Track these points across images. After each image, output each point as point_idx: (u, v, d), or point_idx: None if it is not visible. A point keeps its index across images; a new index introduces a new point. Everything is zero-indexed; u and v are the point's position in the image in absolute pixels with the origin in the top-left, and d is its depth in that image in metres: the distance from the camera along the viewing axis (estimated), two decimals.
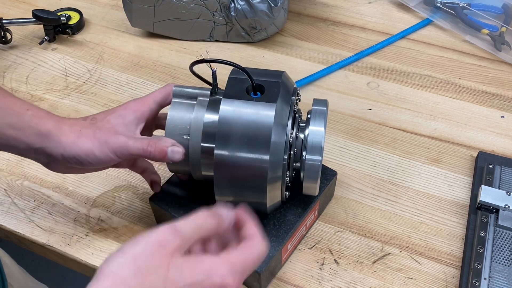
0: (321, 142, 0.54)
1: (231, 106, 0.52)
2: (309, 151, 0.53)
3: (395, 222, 0.66)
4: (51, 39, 0.94)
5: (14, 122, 0.52)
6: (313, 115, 0.55)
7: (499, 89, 0.84)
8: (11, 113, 0.53)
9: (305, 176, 0.55)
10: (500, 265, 0.59)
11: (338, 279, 0.61)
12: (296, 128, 0.55)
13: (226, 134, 0.52)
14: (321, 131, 0.54)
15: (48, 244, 0.65)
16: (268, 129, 0.51)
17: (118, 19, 0.99)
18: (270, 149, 0.51)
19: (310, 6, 1.02)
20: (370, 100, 0.82)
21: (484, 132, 0.77)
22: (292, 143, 0.54)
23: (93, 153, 0.53)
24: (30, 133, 0.53)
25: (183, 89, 0.57)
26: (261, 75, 0.55)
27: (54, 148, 0.53)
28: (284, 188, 0.56)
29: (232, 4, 0.88)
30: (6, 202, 0.69)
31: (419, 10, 0.98)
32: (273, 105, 0.52)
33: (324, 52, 0.91)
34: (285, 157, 0.53)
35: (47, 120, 0.54)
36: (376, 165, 0.73)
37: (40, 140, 0.53)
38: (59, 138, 0.53)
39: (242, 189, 0.54)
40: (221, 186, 0.54)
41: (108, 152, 0.54)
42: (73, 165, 0.54)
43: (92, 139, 0.54)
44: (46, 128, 0.53)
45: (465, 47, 0.92)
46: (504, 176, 0.68)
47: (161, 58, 0.91)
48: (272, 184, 0.53)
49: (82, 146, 0.53)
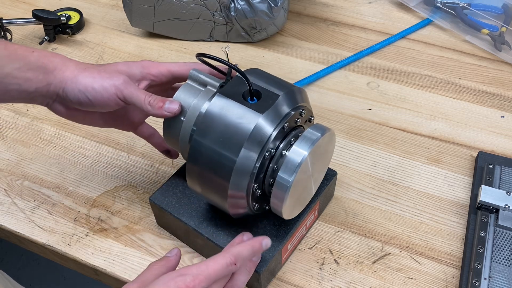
0: (297, 164, 0.52)
1: (221, 103, 0.53)
2: (282, 170, 0.52)
3: (395, 222, 0.66)
4: (51, 39, 0.94)
5: (22, 65, 0.54)
6: (302, 137, 0.53)
7: (499, 89, 0.84)
8: (17, 57, 0.54)
9: (272, 194, 0.54)
10: (500, 265, 0.59)
11: (338, 279, 0.61)
12: (284, 144, 0.54)
13: (207, 126, 0.53)
14: (301, 153, 0.52)
15: (48, 244, 0.65)
16: (244, 135, 0.51)
17: (118, 19, 0.99)
18: (239, 155, 0.51)
19: (310, 6, 1.02)
20: (370, 100, 0.83)
21: (484, 132, 0.77)
22: (273, 157, 0.53)
23: (92, 87, 0.54)
24: (39, 72, 0.54)
25: (198, 74, 0.58)
26: (271, 84, 0.55)
27: (57, 83, 0.54)
28: (251, 199, 0.54)
29: (232, 4, 0.88)
30: (6, 202, 0.69)
31: (419, 10, 0.98)
32: (258, 115, 0.51)
33: (324, 52, 0.91)
34: (256, 165, 0.52)
35: (53, 57, 0.56)
36: (376, 165, 0.73)
37: (47, 77, 0.54)
38: (64, 73, 0.55)
39: (208, 183, 0.54)
40: (191, 173, 0.55)
41: (108, 87, 0.54)
42: (72, 101, 0.55)
43: (94, 74, 0.55)
44: (53, 65, 0.55)
45: (465, 47, 0.92)
46: (504, 176, 0.68)
47: (161, 58, 0.91)
48: (235, 190, 0.53)
49: (83, 80, 0.54)
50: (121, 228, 0.66)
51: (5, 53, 0.54)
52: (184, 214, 0.61)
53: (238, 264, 0.50)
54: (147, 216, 0.67)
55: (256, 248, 0.52)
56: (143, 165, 0.74)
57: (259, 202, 0.56)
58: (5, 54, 0.54)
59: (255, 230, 0.59)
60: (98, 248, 0.64)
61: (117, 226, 0.66)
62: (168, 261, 0.52)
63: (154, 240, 0.65)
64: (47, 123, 0.80)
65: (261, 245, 0.53)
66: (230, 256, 0.50)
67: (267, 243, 0.53)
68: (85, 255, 0.64)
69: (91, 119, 0.60)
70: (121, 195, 0.70)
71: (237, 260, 0.50)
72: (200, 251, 0.63)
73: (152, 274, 0.50)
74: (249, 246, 0.52)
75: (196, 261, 0.62)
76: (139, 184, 0.71)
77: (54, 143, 0.77)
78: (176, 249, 0.53)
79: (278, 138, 0.53)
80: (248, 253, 0.52)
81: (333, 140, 0.58)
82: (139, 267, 0.62)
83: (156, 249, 0.64)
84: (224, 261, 0.49)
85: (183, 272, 0.48)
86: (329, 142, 0.57)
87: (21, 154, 0.75)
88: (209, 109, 0.53)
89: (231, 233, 0.59)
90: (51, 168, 0.73)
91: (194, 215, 0.61)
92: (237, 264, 0.50)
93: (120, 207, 0.69)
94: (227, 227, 0.59)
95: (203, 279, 0.47)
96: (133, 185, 0.71)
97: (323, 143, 0.55)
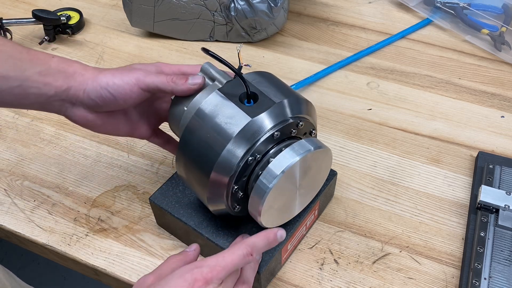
0: (278, 171, 0.51)
1: (216, 100, 0.53)
2: (263, 175, 0.52)
3: (395, 222, 0.66)
4: (51, 39, 0.94)
5: (43, 69, 0.55)
6: (291, 147, 0.53)
7: (499, 89, 0.84)
8: (38, 62, 0.55)
9: (250, 197, 0.53)
10: (500, 265, 0.59)
11: (338, 279, 0.61)
12: (274, 152, 0.53)
13: (199, 120, 0.54)
14: (286, 162, 0.51)
15: (48, 244, 0.65)
16: (230, 135, 0.51)
17: (118, 19, 0.99)
18: (222, 153, 0.51)
19: (310, 6, 1.02)
20: (370, 100, 0.83)
21: (484, 132, 0.77)
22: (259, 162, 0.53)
23: (113, 82, 0.55)
24: (58, 76, 0.55)
25: (210, 68, 0.59)
26: (274, 90, 0.55)
27: (78, 85, 0.56)
28: (231, 199, 0.54)
29: (232, 4, 0.88)
30: (6, 202, 0.69)
31: (419, 10, 0.98)
32: (247, 118, 0.52)
33: (324, 52, 0.91)
34: (240, 164, 0.51)
35: (73, 63, 0.57)
36: (376, 165, 0.73)
37: (67, 81, 0.56)
38: (84, 75, 0.56)
39: (192, 174, 0.55)
40: (179, 162, 0.56)
41: (129, 80, 0.56)
42: (94, 100, 0.56)
43: (114, 72, 0.57)
44: (72, 69, 0.56)
45: (465, 47, 0.92)
46: (504, 176, 0.68)
47: (161, 58, 0.91)
48: (216, 188, 0.53)
49: (103, 77, 0.56)
50: (121, 228, 0.66)
51: (28, 57, 0.55)
52: (184, 214, 0.61)
53: (254, 255, 0.50)
54: (147, 216, 0.67)
55: (271, 239, 0.52)
56: (143, 165, 0.74)
57: (242, 204, 0.56)
58: (28, 58, 0.55)
59: (255, 231, 0.59)
60: (98, 248, 0.64)
61: (117, 226, 0.66)
62: (186, 255, 0.53)
63: (154, 240, 0.65)
64: (47, 123, 0.80)
65: (275, 235, 0.52)
66: (246, 246, 0.50)
67: (282, 235, 0.52)
68: (85, 255, 0.64)
69: (111, 124, 0.60)
70: (121, 195, 0.70)
71: (253, 251, 0.50)
72: (200, 251, 0.63)
73: (170, 267, 0.51)
74: (264, 237, 0.51)
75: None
76: (139, 184, 0.71)
77: (54, 143, 0.77)
78: (195, 245, 0.55)
79: (267, 145, 0.53)
80: (264, 244, 0.51)
81: (328, 158, 0.57)
82: (139, 267, 0.62)
83: (156, 249, 0.64)
84: (241, 252, 0.49)
85: (199, 265, 0.48)
86: (323, 160, 0.56)
87: (21, 154, 0.75)
88: (203, 106, 0.54)
89: (231, 233, 0.59)
90: (51, 168, 0.73)
91: (194, 215, 0.61)
92: (253, 255, 0.50)
93: (120, 207, 0.69)
94: (227, 227, 0.59)
95: (220, 270, 0.47)
96: (133, 185, 0.71)
97: (314, 158, 0.54)
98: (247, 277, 0.53)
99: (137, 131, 0.63)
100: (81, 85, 0.56)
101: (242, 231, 0.59)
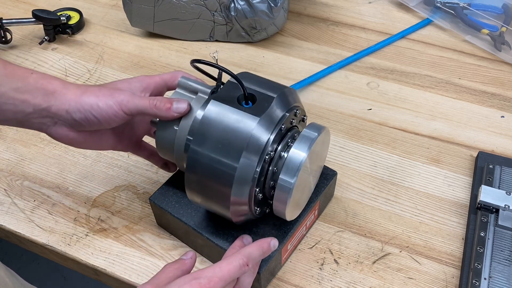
0: (298, 165, 0.52)
1: (217, 108, 0.52)
2: (283, 172, 0.52)
3: (395, 222, 0.66)
4: (51, 39, 0.94)
5: (20, 86, 0.53)
6: (299, 138, 0.54)
7: (499, 89, 0.84)
8: (16, 78, 0.53)
9: (275, 197, 0.53)
10: (500, 265, 0.59)
11: (338, 279, 0.61)
12: (282, 146, 0.54)
13: (204, 133, 0.52)
14: (301, 155, 0.52)
15: (48, 244, 0.65)
16: (244, 140, 0.50)
17: (118, 19, 0.99)
18: (240, 160, 0.50)
19: (310, 6, 1.02)
20: (370, 100, 0.83)
21: (484, 132, 0.77)
22: (272, 160, 0.53)
23: (97, 105, 0.54)
24: (37, 94, 0.53)
25: (188, 81, 0.58)
26: (263, 86, 0.55)
27: (59, 104, 0.54)
28: (253, 203, 0.54)
29: (232, 4, 0.88)
30: (6, 202, 0.69)
31: (419, 10, 0.98)
32: (256, 118, 0.51)
33: (324, 52, 0.91)
34: (257, 170, 0.52)
35: (53, 80, 0.55)
36: (376, 165, 0.73)
37: (47, 99, 0.54)
38: (65, 95, 0.54)
39: (209, 191, 0.54)
40: (191, 183, 0.54)
41: (113, 105, 0.54)
42: (77, 121, 0.54)
43: (97, 93, 0.55)
44: (52, 87, 0.54)
45: (465, 47, 0.92)
46: (504, 176, 0.68)
47: (161, 58, 0.91)
48: (238, 196, 0.52)
49: (87, 99, 0.54)
50: (121, 228, 0.66)
51: (4, 72, 0.53)
52: (184, 214, 0.61)
53: (250, 265, 0.51)
54: (147, 216, 0.67)
55: (265, 248, 0.53)
56: (143, 165, 0.74)
57: (260, 206, 0.56)
58: (4, 73, 0.53)
59: (255, 231, 0.59)
60: (98, 248, 0.64)
61: (117, 226, 0.66)
62: (183, 263, 0.52)
63: (154, 240, 0.65)
64: None
65: (269, 245, 0.54)
66: (242, 257, 0.50)
67: (274, 244, 0.55)
68: (85, 255, 0.64)
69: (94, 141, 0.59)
70: (121, 195, 0.70)
71: (249, 261, 0.51)
72: (200, 251, 0.63)
73: (167, 276, 0.50)
74: (258, 247, 0.53)
75: (197, 262, 0.62)
76: (139, 184, 0.71)
77: (54, 143, 0.77)
78: (191, 252, 0.54)
79: (276, 141, 0.53)
80: (258, 254, 0.52)
81: (328, 136, 0.58)
82: (139, 267, 0.62)
83: (156, 249, 0.64)
84: (238, 263, 0.50)
85: (197, 276, 0.48)
86: (324, 139, 0.57)
87: (21, 154, 0.75)
88: (205, 116, 0.52)
89: (231, 233, 0.59)
90: (51, 168, 0.73)
91: (194, 215, 0.61)
92: (249, 265, 0.51)
93: (120, 207, 0.69)
94: (227, 227, 0.59)
95: (217, 281, 0.48)
96: (133, 185, 0.71)
97: (319, 142, 0.55)
98: (244, 284, 0.53)
99: (120, 145, 0.61)
100: (63, 104, 0.54)
101: (242, 231, 0.59)
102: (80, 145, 0.58)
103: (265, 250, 0.53)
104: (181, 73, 0.59)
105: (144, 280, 0.61)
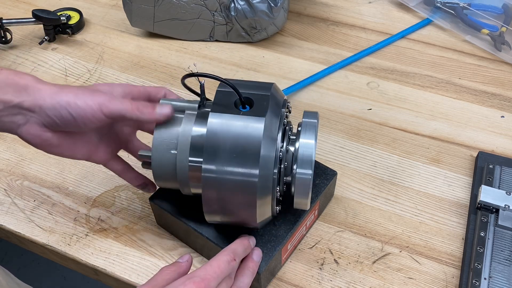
0: (312, 156, 0.52)
1: (219, 119, 0.51)
2: (299, 165, 0.52)
3: (395, 222, 0.66)
4: (51, 39, 0.94)
5: None
6: (303, 128, 0.53)
7: (499, 89, 0.84)
8: None
9: (296, 191, 0.53)
10: (500, 265, 0.59)
11: (338, 279, 0.61)
12: (286, 141, 0.54)
13: (214, 148, 0.50)
14: (311, 144, 0.52)
15: (48, 244, 0.65)
16: (257, 143, 0.50)
17: (118, 19, 0.99)
18: (259, 163, 0.50)
19: (310, 6, 1.02)
20: (370, 100, 0.83)
21: (484, 132, 0.77)
22: (282, 156, 0.53)
23: (75, 103, 0.51)
24: (7, 90, 0.50)
25: (170, 102, 0.55)
26: (250, 88, 0.54)
27: (33, 100, 0.50)
28: (275, 203, 0.54)
29: (232, 4, 0.88)
30: (6, 202, 0.69)
31: (419, 10, 0.98)
32: (262, 119, 0.50)
33: (324, 52, 0.91)
34: (275, 171, 0.51)
35: (25, 75, 0.52)
36: (376, 165, 0.73)
37: (19, 94, 0.50)
38: (40, 90, 0.51)
39: (232, 205, 0.52)
40: (210, 203, 0.53)
41: (92, 104, 0.51)
42: (52, 119, 0.51)
43: (76, 91, 0.52)
44: (24, 82, 0.51)
45: (465, 47, 0.92)
46: (504, 176, 0.68)
47: (161, 58, 0.91)
48: (263, 200, 0.52)
49: (64, 96, 0.51)
50: (121, 228, 0.66)
51: None
52: (184, 214, 0.61)
53: (237, 260, 0.53)
54: (147, 216, 0.67)
55: (246, 245, 0.56)
56: None
57: (279, 204, 0.57)
58: None
59: (256, 231, 0.59)
60: (98, 248, 0.64)
61: (117, 226, 0.66)
62: (179, 266, 0.52)
63: (154, 240, 0.65)
64: None
65: (249, 241, 0.56)
66: (229, 253, 0.53)
67: (253, 240, 0.58)
68: (85, 255, 0.64)
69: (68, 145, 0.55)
70: (121, 195, 0.70)
71: (236, 256, 0.53)
72: (200, 251, 0.63)
73: (163, 278, 0.50)
74: (240, 243, 0.55)
75: (197, 262, 0.62)
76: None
77: None
78: (187, 255, 0.54)
79: (282, 136, 0.54)
80: (242, 249, 0.55)
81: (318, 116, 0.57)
82: (139, 267, 0.62)
83: (156, 249, 0.64)
84: (225, 258, 0.52)
85: (190, 276, 0.49)
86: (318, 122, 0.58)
87: (21, 154, 0.75)
88: (210, 130, 0.50)
89: (231, 233, 0.59)
90: (51, 168, 0.73)
91: (194, 215, 0.61)
92: (236, 260, 0.53)
93: (120, 207, 0.69)
94: (227, 227, 0.59)
95: (211, 278, 0.49)
96: None
97: None
98: (242, 284, 0.54)
99: (95, 155, 0.58)
100: (37, 100, 0.50)
101: (241, 231, 0.59)
102: (53, 148, 0.54)
103: (246, 246, 0.55)
104: (165, 90, 0.59)
105: (144, 280, 0.61)
